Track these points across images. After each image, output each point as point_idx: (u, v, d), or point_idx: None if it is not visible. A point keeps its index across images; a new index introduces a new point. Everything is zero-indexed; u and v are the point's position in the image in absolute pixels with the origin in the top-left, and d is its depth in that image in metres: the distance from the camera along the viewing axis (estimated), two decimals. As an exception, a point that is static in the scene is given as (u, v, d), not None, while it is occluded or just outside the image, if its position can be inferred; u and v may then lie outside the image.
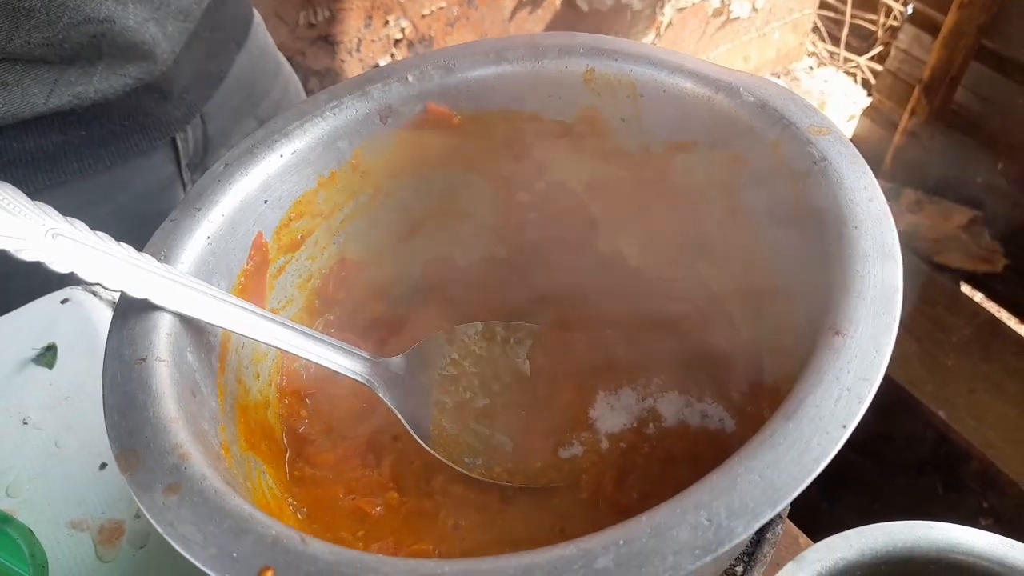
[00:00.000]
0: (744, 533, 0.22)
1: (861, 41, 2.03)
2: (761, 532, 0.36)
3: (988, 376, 1.23)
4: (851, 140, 1.21)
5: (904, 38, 1.49)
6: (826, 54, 2.00)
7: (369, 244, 0.43)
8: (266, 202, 0.37)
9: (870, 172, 0.31)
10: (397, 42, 1.26)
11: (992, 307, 1.64)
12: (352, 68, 1.24)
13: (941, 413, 1.19)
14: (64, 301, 0.54)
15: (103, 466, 0.46)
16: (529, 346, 0.43)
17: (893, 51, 1.53)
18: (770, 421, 0.24)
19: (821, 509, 1.47)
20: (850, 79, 1.95)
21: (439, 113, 0.41)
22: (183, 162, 0.64)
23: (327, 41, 1.17)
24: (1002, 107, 1.39)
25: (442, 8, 1.27)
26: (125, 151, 0.59)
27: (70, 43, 0.50)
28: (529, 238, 0.47)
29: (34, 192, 0.30)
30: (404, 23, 1.25)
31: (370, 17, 1.19)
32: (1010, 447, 1.16)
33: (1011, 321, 1.64)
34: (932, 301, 1.30)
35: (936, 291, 1.32)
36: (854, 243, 0.28)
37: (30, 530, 0.37)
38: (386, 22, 1.22)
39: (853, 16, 1.99)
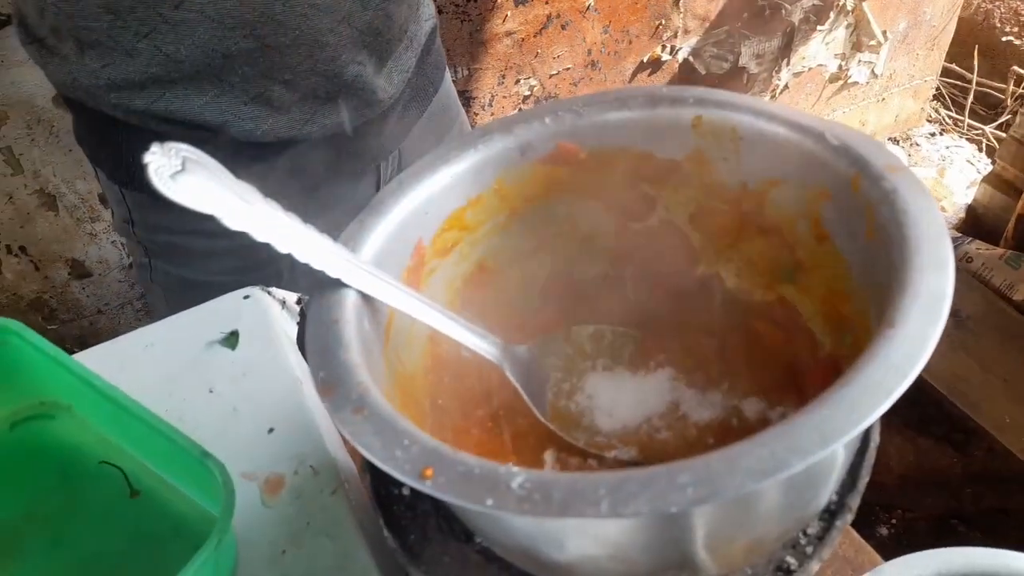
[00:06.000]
0: (798, 465, 0.27)
1: (988, 109, 2.00)
2: (831, 520, 0.41)
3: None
4: (971, 206, 1.22)
5: (1031, 106, 1.47)
6: (949, 121, 1.97)
7: (503, 256, 0.52)
8: (427, 214, 0.46)
9: (933, 202, 0.36)
10: (525, 99, 1.38)
11: None
12: (483, 121, 1.36)
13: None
14: (246, 297, 0.65)
15: (271, 430, 0.56)
16: (631, 349, 0.50)
17: (1019, 118, 1.51)
18: (827, 390, 0.30)
19: None
20: (973, 147, 1.92)
21: (568, 149, 0.49)
22: (382, 186, 0.76)
23: (463, 96, 1.31)
24: None
25: (568, 69, 1.38)
26: (342, 174, 0.71)
27: (329, 89, 0.63)
28: (637, 260, 0.54)
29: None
30: (533, 82, 1.37)
31: (503, 76, 1.32)
32: None
33: None
34: (1054, 371, 1.26)
35: (1059, 361, 1.27)
36: (912, 258, 0.34)
37: (223, 464, 0.46)
38: (517, 81, 1.34)
39: (979, 84, 1.97)
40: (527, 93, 1.38)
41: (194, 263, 0.75)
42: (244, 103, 0.63)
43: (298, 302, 0.68)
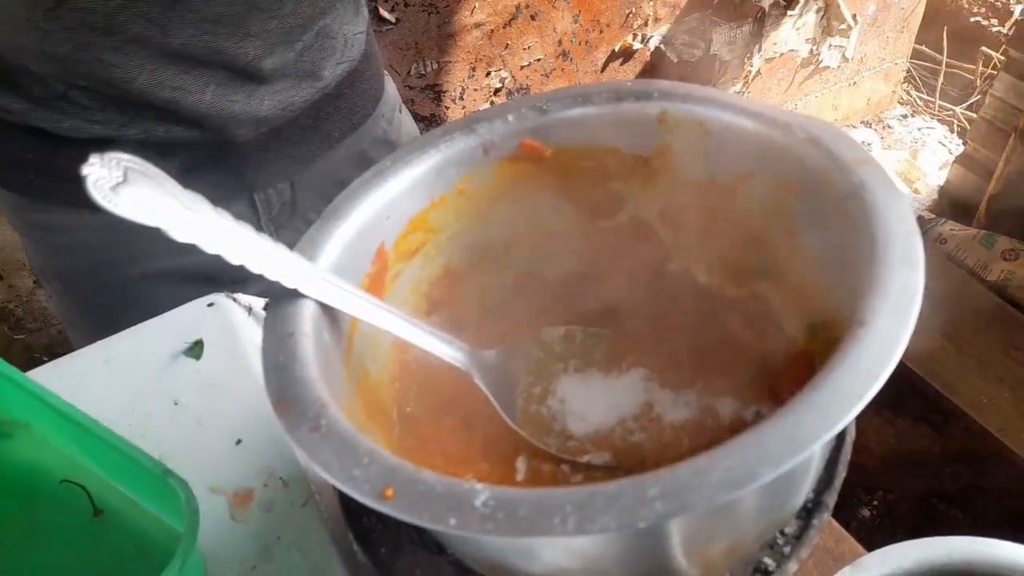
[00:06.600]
0: (768, 475, 0.27)
1: (958, 90, 2.01)
2: (808, 518, 0.40)
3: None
4: (943, 187, 1.23)
5: (1000, 86, 1.48)
6: (920, 102, 1.98)
7: (470, 258, 0.50)
8: (388, 218, 0.45)
9: (904, 197, 0.35)
10: (497, 91, 1.36)
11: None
12: (455, 114, 1.35)
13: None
14: (210, 305, 0.63)
15: (238, 442, 0.54)
16: (603, 348, 0.49)
17: (988, 99, 1.52)
18: (798, 394, 0.29)
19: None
20: (945, 128, 1.93)
21: (533, 147, 0.48)
22: (262, 218, 0.71)
23: (434, 90, 1.29)
24: (1106, 155, 1.36)
25: (539, 60, 1.36)
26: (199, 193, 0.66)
27: (140, 104, 0.59)
28: (606, 258, 0.53)
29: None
30: (504, 74, 1.35)
31: (473, 68, 1.30)
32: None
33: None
34: (1028, 350, 1.27)
35: (1033, 340, 1.29)
36: (882, 255, 0.33)
37: (186, 482, 0.45)
38: (488, 73, 1.32)
39: (949, 65, 1.98)
40: (498, 85, 1.36)
41: (53, 260, 0.71)
42: (53, 99, 0.58)
43: (265, 308, 0.66)
